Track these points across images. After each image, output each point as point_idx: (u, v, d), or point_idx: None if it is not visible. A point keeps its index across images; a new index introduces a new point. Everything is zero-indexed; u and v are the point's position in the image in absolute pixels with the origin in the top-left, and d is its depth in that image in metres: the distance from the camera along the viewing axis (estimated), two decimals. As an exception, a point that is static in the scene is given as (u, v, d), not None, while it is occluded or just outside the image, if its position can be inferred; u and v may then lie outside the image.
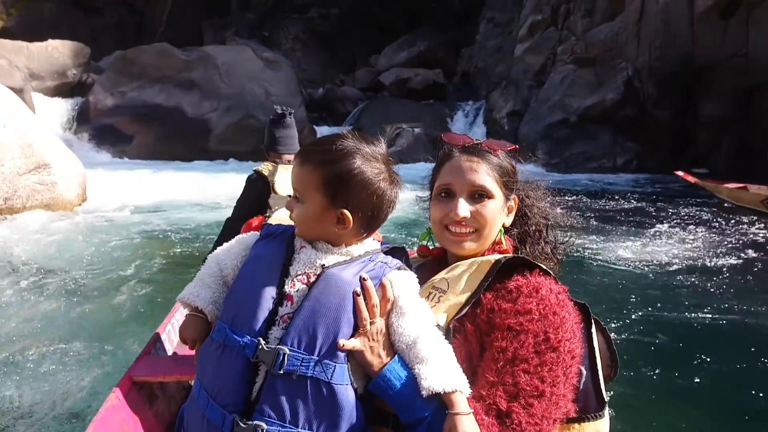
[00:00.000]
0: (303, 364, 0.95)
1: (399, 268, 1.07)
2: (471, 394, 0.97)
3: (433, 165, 1.32)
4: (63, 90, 15.86)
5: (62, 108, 14.85)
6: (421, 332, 1.00)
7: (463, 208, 1.17)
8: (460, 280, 1.12)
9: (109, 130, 14.42)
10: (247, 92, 15.59)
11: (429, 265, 1.29)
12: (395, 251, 1.13)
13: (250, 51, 16.75)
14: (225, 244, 1.17)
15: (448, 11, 24.57)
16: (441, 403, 0.95)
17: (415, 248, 1.40)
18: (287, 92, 16.31)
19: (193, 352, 1.11)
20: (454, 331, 1.06)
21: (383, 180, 1.06)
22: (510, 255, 1.15)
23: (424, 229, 1.35)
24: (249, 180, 2.75)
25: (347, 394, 0.97)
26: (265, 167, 2.74)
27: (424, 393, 0.94)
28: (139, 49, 15.87)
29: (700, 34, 12.84)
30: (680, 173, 10.40)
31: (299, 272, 1.03)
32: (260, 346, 0.97)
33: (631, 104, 14.16)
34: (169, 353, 2.29)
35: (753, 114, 12.35)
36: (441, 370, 0.96)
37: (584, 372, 1.11)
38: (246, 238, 1.16)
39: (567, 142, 14.31)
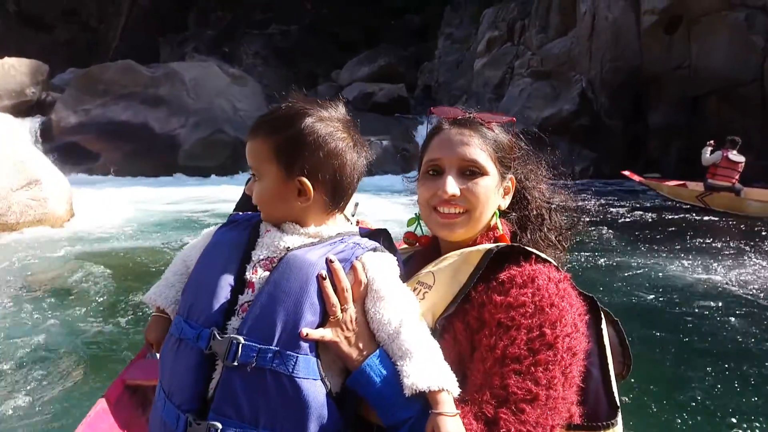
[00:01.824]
0: (260, 355, 0.84)
1: (375, 250, 0.95)
2: (459, 397, 0.86)
3: (400, 176, 1.24)
4: (21, 109, 15.36)
5: (24, 127, 14.39)
6: (404, 321, 0.89)
7: (452, 185, 1.04)
8: (447, 274, 0.99)
9: (75, 148, 14.11)
10: (215, 107, 15.61)
11: (418, 256, 1.17)
12: (376, 234, 1.02)
13: (216, 67, 16.79)
14: (193, 240, 1.07)
15: (407, 28, 25.35)
16: (425, 403, 0.84)
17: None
18: (255, 107, 16.40)
19: None
20: (442, 330, 0.94)
21: (340, 139, 0.95)
22: (503, 243, 1.02)
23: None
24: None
25: (315, 390, 0.86)
26: None
27: (407, 392, 0.83)
28: (102, 66, 15.64)
29: (647, 47, 13.92)
30: (627, 173, 11.30)
31: (262, 257, 0.93)
32: (214, 337, 0.87)
33: (586, 114, 15.09)
34: None
35: (697, 120, 13.46)
36: (426, 367, 0.85)
37: (594, 372, 0.99)
38: (212, 229, 1.05)
39: (528, 151, 15.08)
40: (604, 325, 1.04)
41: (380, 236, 1.02)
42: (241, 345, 0.85)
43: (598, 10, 14.76)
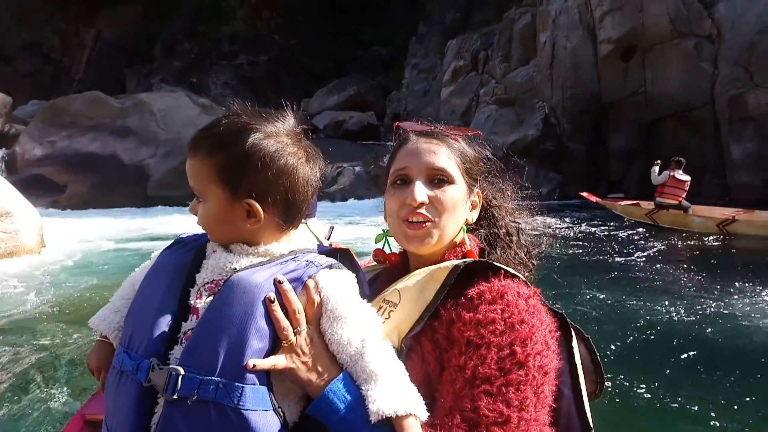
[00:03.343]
0: (201, 386, 0.77)
1: (330, 267, 0.89)
2: (427, 421, 0.81)
3: (373, 200, 1.30)
4: (-17, 141, 15.03)
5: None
6: (367, 341, 0.84)
7: (420, 191, 1.01)
8: (414, 291, 0.95)
9: (40, 180, 13.79)
10: (184, 137, 15.49)
11: (386, 275, 1.13)
12: (335, 252, 0.94)
13: (185, 97, 16.79)
14: (144, 263, 0.99)
15: (375, 59, 25.93)
16: (392, 429, 0.79)
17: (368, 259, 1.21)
18: (224, 137, 16.40)
19: None
20: (408, 350, 0.90)
21: (290, 155, 0.88)
22: (471, 259, 0.98)
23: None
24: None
25: (266, 423, 0.79)
26: None
27: (373, 418, 0.78)
28: (69, 98, 15.47)
29: (605, 75, 14.62)
30: (584, 194, 11.88)
31: (207, 280, 0.86)
32: (153, 368, 0.80)
33: (550, 139, 15.65)
34: None
35: (655, 143, 14.14)
36: (392, 391, 0.80)
37: (565, 392, 0.97)
38: (159, 251, 0.98)
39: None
40: (575, 343, 1.01)
41: (338, 254, 0.94)
42: (180, 377, 0.77)
43: (557, 40, 15.47)
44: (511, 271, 0.98)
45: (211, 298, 0.83)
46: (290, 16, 25.74)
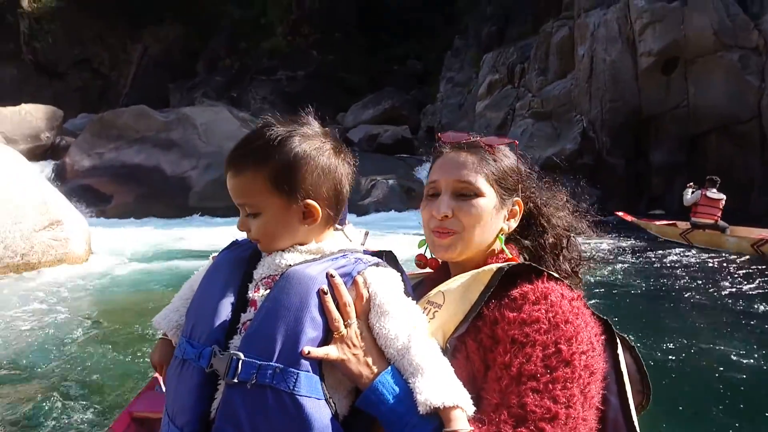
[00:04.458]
0: (260, 371, 0.82)
1: (377, 265, 0.93)
2: (474, 416, 0.83)
3: (401, 213, 1.31)
4: (37, 153, 15.79)
5: (41, 170, 14.75)
6: (413, 336, 0.87)
7: (444, 205, 1.05)
8: (458, 292, 0.97)
9: (88, 191, 14.38)
10: (225, 150, 15.77)
11: (428, 281, 1.17)
12: (380, 254, 0.99)
13: (226, 111, 17.27)
14: (202, 266, 1.06)
15: (410, 73, 26.13)
16: (440, 422, 0.81)
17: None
18: (262, 150, 16.78)
19: None
20: (453, 350, 0.91)
21: (329, 151, 0.95)
22: (514, 262, 1.00)
23: None
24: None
25: (319, 410, 0.82)
26: None
27: (421, 409, 0.81)
28: (116, 111, 16.12)
29: (645, 88, 14.35)
30: (620, 213, 11.70)
31: (264, 275, 0.92)
32: (215, 354, 0.85)
33: (588, 153, 15.40)
34: None
35: (698, 158, 13.74)
36: (439, 383, 0.82)
37: (611, 400, 0.95)
38: (216, 254, 1.05)
39: (532, 190, 15.40)
40: (620, 351, 1.00)
41: (383, 255, 0.99)
42: (240, 361, 0.82)
43: (596, 52, 15.28)
44: (555, 274, 0.99)
45: (267, 291, 0.89)
46: (328, 33, 26.23)
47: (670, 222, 11.13)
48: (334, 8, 26.47)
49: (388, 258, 0.98)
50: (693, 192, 10.01)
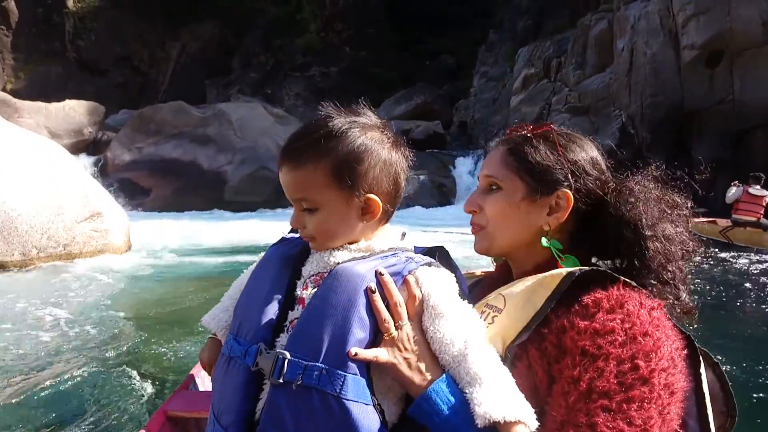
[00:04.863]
0: (306, 372, 0.78)
1: (430, 265, 0.88)
2: None
3: (433, 209, 1.23)
4: (79, 147, 16.35)
5: (83, 164, 15.27)
6: (470, 342, 0.81)
7: (469, 201, 1.04)
8: (521, 297, 0.89)
9: (127, 184, 14.82)
10: (259, 146, 16.22)
11: (488, 282, 1.10)
12: (432, 251, 0.94)
13: (261, 107, 17.53)
14: (251, 265, 1.04)
15: (442, 68, 25.97)
16: None
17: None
18: (295, 145, 16.98)
19: None
20: (514, 358, 0.84)
21: (388, 144, 0.90)
22: (586, 268, 0.89)
23: None
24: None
25: (366, 416, 0.78)
26: None
27: (479, 422, 0.75)
28: (155, 107, 16.54)
29: (688, 82, 13.86)
30: None
31: (312, 273, 0.89)
32: (261, 353, 0.82)
33: (628, 148, 14.96)
34: (207, 390, 2.20)
35: (742, 155, 13.20)
36: (499, 395, 0.76)
37: (690, 423, 0.87)
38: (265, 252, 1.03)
39: (569, 186, 15.10)
40: (703, 369, 0.89)
41: (436, 253, 0.93)
42: (286, 361, 0.79)
43: (636, 46, 14.84)
44: (632, 282, 0.88)
45: (315, 289, 0.86)
46: (361, 29, 26.27)
47: (710, 219, 10.72)
48: (367, 4, 26.50)
49: (441, 256, 0.93)
50: (736, 188, 9.60)
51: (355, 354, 0.78)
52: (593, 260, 1.00)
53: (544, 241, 0.98)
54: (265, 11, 27.95)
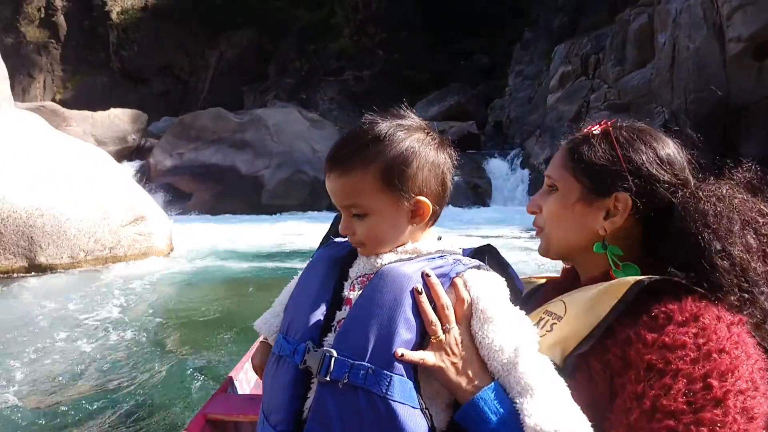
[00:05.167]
0: (352, 370, 0.78)
1: (479, 268, 0.87)
2: None
3: (467, 210, 1.19)
4: (123, 154, 16.94)
5: (127, 170, 15.81)
6: (521, 350, 0.78)
7: (531, 201, 1.03)
8: (583, 304, 0.84)
9: (169, 189, 15.25)
10: (295, 150, 16.44)
11: (551, 287, 1.07)
12: (480, 252, 0.94)
13: (296, 112, 17.77)
14: (299, 272, 1.05)
15: (475, 68, 25.76)
16: None
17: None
18: (330, 149, 17.15)
19: None
20: (573, 369, 0.80)
21: (434, 145, 0.91)
22: (656, 276, 0.82)
23: None
24: (335, 218, 2.93)
25: (414, 420, 0.77)
26: None
27: None
28: (195, 114, 16.99)
29: (734, 76, 13.32)
30: None
31: (359, 274, 0.90)
32: (309, 351, 0.83)
33: (670, 146, 14.53)
34: (245, 393, 2.21)
35: (795, 150, 12.60)
36: (552, 407, 0.73)
37: None
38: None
39: (609, 185, 14.73)
40: None
41: (485, 255, 0.93)
42: (333, 359, 0.80)
43: (679, 40, 14.37)
44: (706, 294, 0.80)
45: (362, 290, 0.86)
46: (394, 31, 26.33)
47: None
48: (400, 7, 26.53)
49: (491, 256, 0.92)
50: None
51: (402, 355, 0.78)
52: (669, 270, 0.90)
53: (596, 246, 0.93)
54: (300, 17, 28.35)
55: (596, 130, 0.98)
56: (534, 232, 1.05)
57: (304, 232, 10.48)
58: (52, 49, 28.02)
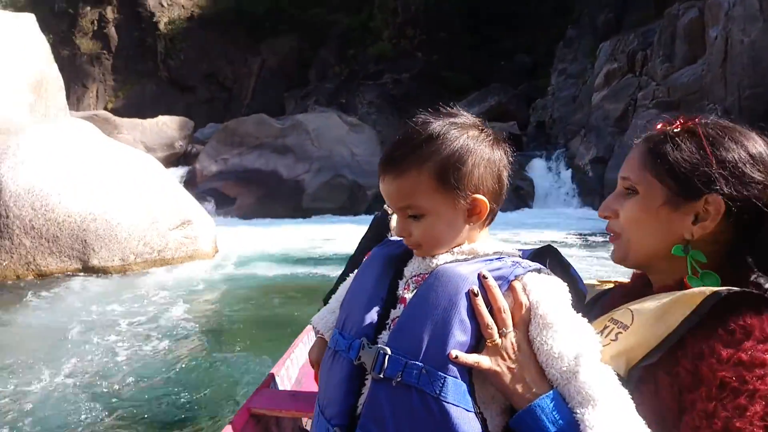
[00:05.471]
0: (406, 369, 0.78)
1: (539, 271, 0.84)
2: None
3: (510, 213, 1.06)
4: (171, 160, 17.51)
5: (174, 175, 16.34)
6: (582, 358, 0.75)
7: (605, 204, 0.95)
8: (652, 314, 0.80)
9: (214, 193, 15.66)
10: (335, 154, 16.61)
11: (618, 292, 1.00)
12: (540, 254, 0.92)
13: (336, 117, 17.97)
14: (355, 272, 1.05)
15: (516, 67, 25.38)
16: None
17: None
18: (370, 152, 17.21)
19: (309, 389, 1.00)
20: (638, 381, 0.76)
21: (489, 142, 0.89)
22: (735, 289, 0.77)
23: None
24: (375, 218, 2.88)
25: (468, 423, 0.75)
26: None
27: None
28: (239, 120, 17.42)
29: (794, 70, 12.65)
30: None
31: (414, 273, 0.89)
32: (363, 347, 0.84)
33: (724, 144, 13.90)
34: (286, 389, 2.27)
35: None
36: (615, 419, 0.70)
37: None
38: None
39: (658, 186, 14.21)
40: None
41: (546, 257, 0.90)
42: (387, 356, 0.79)
43: (732, 34, 13.75)
44: None
45: (416, 289, 0.86)
46: (432, 33, 26.24)
47: None
48: (439, 8, 26.43)
49: (552, 257, 0.89)
50: None
51: (456, 357, 0.76)
52: (752, 279, 0.85)
53: (676, 248, 0.86)
54: (339, 22, 28.63)
55: (677, 127, 0.90)
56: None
57: (342, 235, 10.57)
58: (104, 59, 29.31)
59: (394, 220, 2.60)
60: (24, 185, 6.86)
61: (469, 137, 0.87)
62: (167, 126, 18.16)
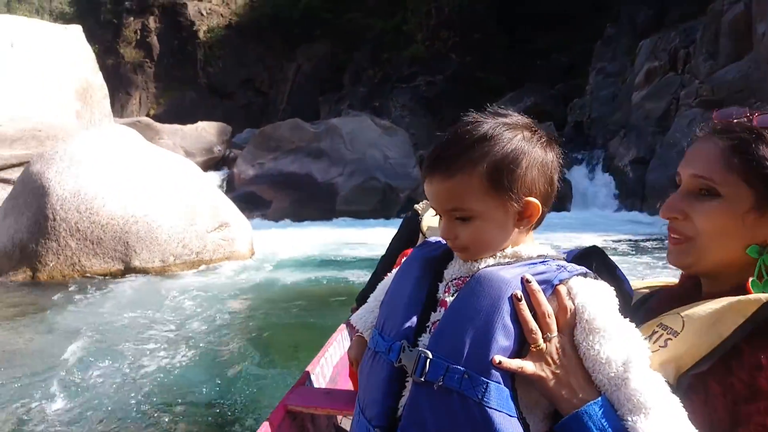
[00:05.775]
0: (447, 373, 0.76)
1: (585, 275, 0.81)
2: None
3: (548, 214, 1.03)
4: (210, 164, 17.94)
5: (213, 179, 16.73)
6: (631, 364, 0.73)
7: (671, 204, 0.87)
8: (704, 321, 0.77)
9: (251, 197, 15.96)
10: (368, 157, 16.68)
11: (666, 295, 0.95)
12: (586, 256, 0.89)
13: (369, 120, 18.04)
14: (394, 271, 1.04)
15: (553, 67, 24.95)
16: None
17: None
18: (403, 155, 17.22)
19: (343, 387, 1.00)
20: (687, 389, 0.74)
21: (540, 143, 0.86)
22: None
23: None
24: (405, 218, 2.82)
25: (511, 428, 0.74)
26: (420, 205, 2.71)
27: None
28: (274, 125, 17.71)
29: None
30: None
31: (455, 276, 0.88)
32: (404, 350, 0.82)
33: (773, 143, 13.31)
34: (321, 387, 2.30)
35: None
36: (669, 427, 0.69)
37: None
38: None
39: (702, 187, 13.69)
40: None
41: (591, 259, 0.87)
42: (428, 360, 0.78)
43: (782, 28, 13.18)
44: None
45: (457, 292, 0.84)
46: (467, 35, 26.09)
47: None
48: (473, 9, 26.26)
49: (598, 260, 0.86)
50: None
51: (499, 362, 0.74)
52: None
53: (753, 249, 0.81)
54: (373, 27, 28.80)
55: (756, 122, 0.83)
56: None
57: (376, 236, 10.62)
58: (147, 68, 30.32)
59: (425, 221, 2.57)
60: (70, 189, 7.14)
61: (522, 138, 0.85)
62: (206, 131, 18.63)
